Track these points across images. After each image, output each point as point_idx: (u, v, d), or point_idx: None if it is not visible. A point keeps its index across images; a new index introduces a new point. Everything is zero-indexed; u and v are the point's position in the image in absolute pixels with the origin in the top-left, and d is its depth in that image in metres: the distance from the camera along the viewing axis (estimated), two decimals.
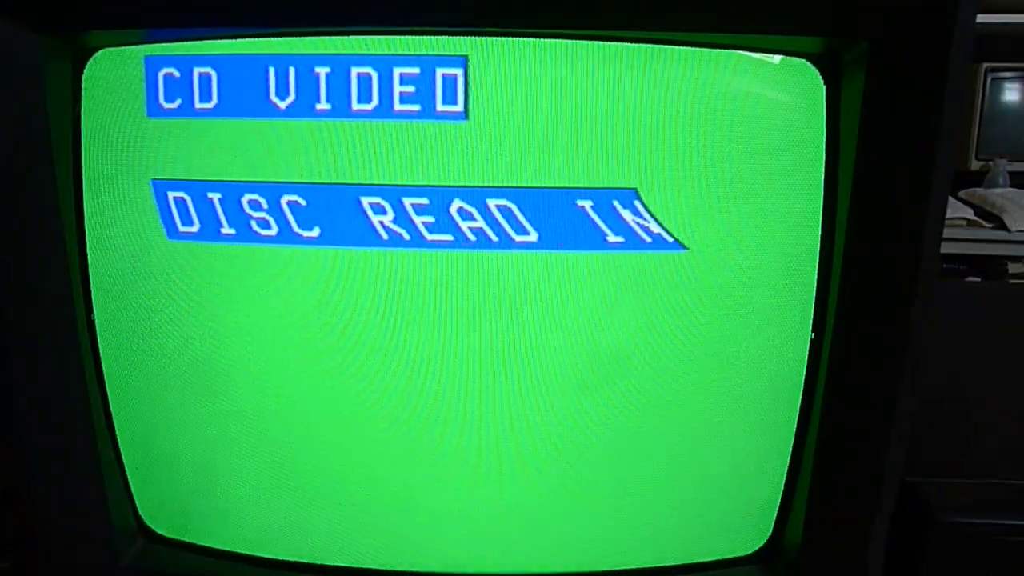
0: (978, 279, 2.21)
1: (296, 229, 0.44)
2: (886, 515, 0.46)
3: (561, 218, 0.44)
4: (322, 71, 0.43)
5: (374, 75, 0.43)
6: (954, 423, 0.61)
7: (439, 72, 0.42)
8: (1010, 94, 2.59)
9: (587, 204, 0.43)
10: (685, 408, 0.48)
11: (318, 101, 0.43)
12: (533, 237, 0.44)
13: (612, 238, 0.44)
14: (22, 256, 0.45)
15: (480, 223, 0.43)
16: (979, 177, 2.55)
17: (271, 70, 0.43)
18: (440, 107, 0.43)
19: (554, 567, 0.50)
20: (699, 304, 0.46)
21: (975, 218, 2.20)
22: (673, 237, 0.44)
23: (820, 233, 0.45)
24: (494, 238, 0.44)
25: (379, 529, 0.50)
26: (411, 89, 0.43)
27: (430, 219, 0.44)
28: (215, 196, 0.44)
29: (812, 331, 0.46)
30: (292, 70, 0.43)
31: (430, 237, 0.44)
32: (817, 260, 0.45)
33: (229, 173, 0.44)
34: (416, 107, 0.43)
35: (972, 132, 2.57)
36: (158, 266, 0.46)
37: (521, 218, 0.44)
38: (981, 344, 0.82)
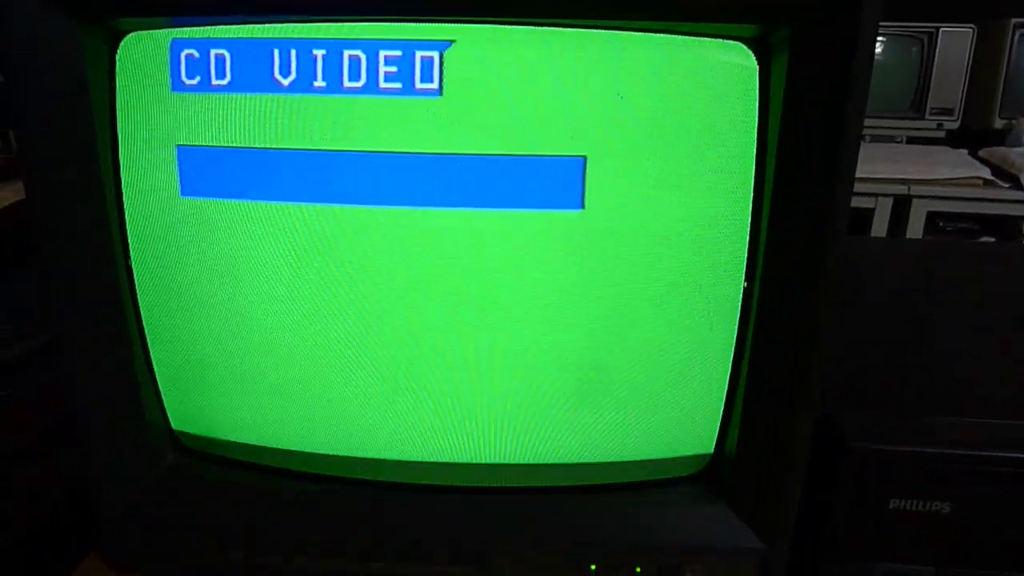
0: (992, 239, 2.22)
1: (282, 187, 0.52)
2: (805, 441, 0.53)
3: (510, 181, 0.51)
4: (319, 53, 0.50)
5: (363, 57, 0.49)
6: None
7: (418, 54, 0.49)
8: None
9: (537, 169, 0.50)
10: (636, 349, 0.55)
11: (315, 79, 0.50)
12: (484, 198, 0.51)
13: (557, 199, 0.51)
14: (65, 210, 0.53)
15: (434, 183, 0.51)
16: (1002, 136, 2.52)
17: (276, 52, 0.50)
18: (419, 85, 0.50)
19: (503, 480, 0.59)
20: (639, 262, 0.53)
21: (991, 178, 2.20)
22: (613, 200, 0.51)
23: (752, 195, 0.51)
24: (446, 196, 0.51)
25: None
26: (394, 69, 0.49)
27: (394, 180, 0.51)
28: (227, 160, 0.52)
29: (745, 281, 0.53)
30: (293, 52, 0.50)
31: (388, 195, 0.52)
32: (749, 220, 0.52)
33: (241, 140, 0.52)
34: (398, 84, 0.50)
35: (997, 89, 2.53)
36: (177, 217, 0.54)
37: (475, 180, 0.51)
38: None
